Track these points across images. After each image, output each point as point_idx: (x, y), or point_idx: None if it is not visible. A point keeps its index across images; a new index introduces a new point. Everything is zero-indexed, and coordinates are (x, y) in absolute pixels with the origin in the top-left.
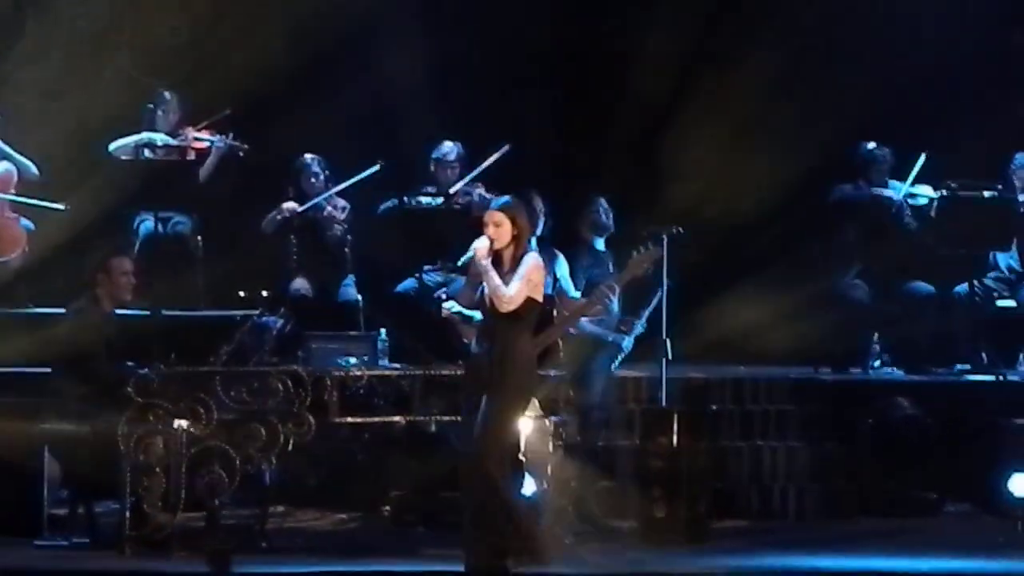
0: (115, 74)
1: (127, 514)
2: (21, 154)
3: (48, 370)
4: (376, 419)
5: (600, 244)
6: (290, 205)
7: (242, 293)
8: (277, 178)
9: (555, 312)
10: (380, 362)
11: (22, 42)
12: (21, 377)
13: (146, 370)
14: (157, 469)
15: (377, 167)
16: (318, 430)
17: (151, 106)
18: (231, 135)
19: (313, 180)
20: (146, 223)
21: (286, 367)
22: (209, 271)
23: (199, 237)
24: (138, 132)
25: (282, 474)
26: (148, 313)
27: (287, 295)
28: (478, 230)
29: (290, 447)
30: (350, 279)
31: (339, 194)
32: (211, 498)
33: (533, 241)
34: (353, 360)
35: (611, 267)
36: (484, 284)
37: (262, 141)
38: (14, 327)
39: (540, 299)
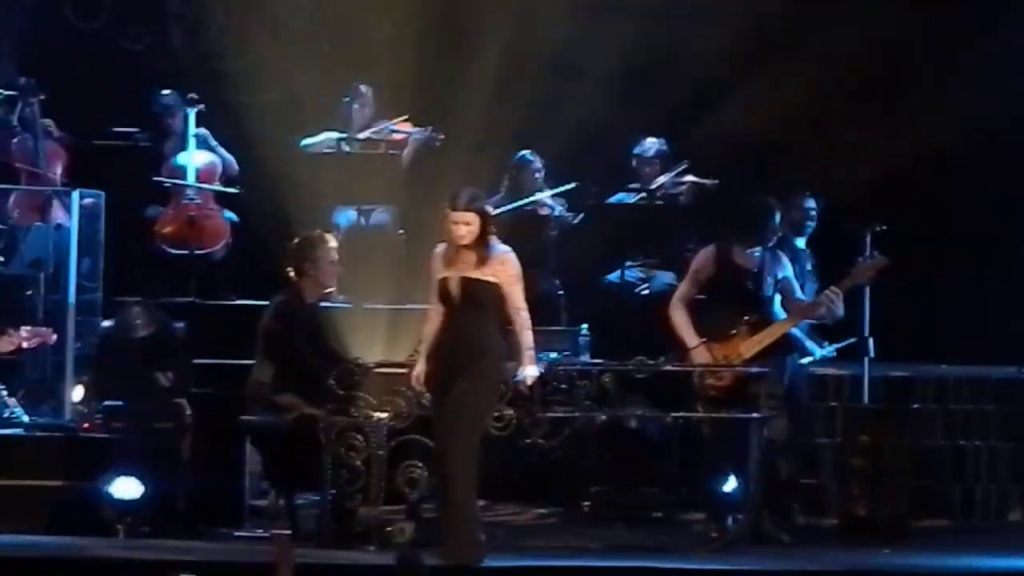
0: (316, 68)
1: (328, 506)
2: (224, 148)
3: (251, 362)
4: (576, 414)
5: (801, 243)
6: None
7: None
8: (479, 174)
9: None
10: (581, 357)
11: (225, 35)
12: (224, 369)
13: (348, 363)
14: (358, 462)
15: (573, 185)
16: (518, 424)
17: (347, 99)
18: (429, 128)
19: (536, 175)
20: (347, 216)
21: None
22: (411, 264)
23: (401, 230)
24: (332, 126)
25: (483, 468)
26: (350, 306)
27: None
28: (683, 224)
29: (490, 441)
30: (551, 272)
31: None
32: (411, 491)
33: None
34: (554, 354)
35: (809, 267)
36: (450, 278)
37: (462, 135)
38: (218, 319)
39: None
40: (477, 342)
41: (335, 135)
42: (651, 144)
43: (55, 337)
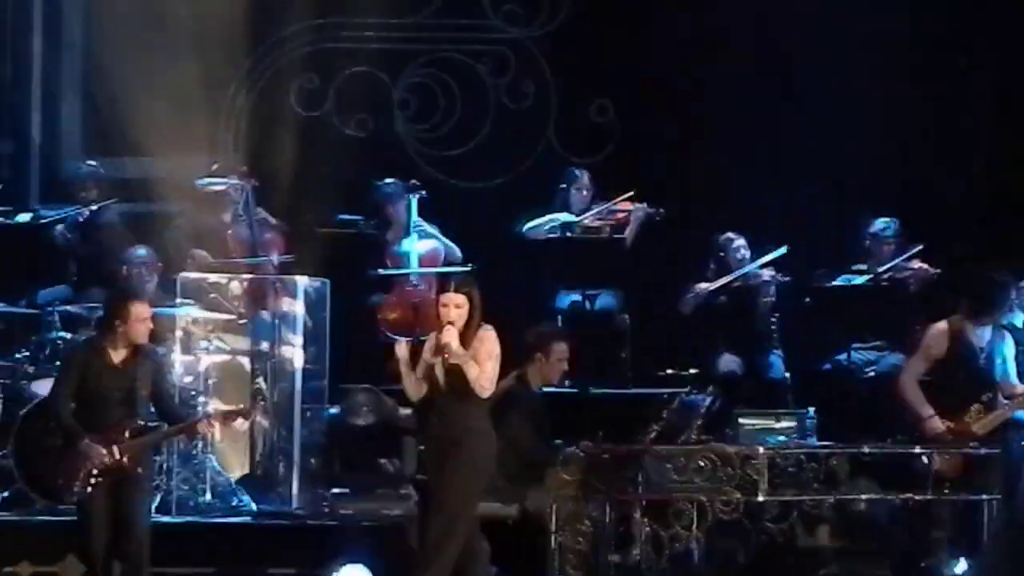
0: (542, 153)
1: None
2: (445, 236)
3: None
4: (804, 497)
5: (1019, 320)
6: (702, 285)
7: (669, 371)
8: (701, 255)
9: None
10: (808, 439)
11: (446, 123)
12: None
13: (574, 448)
14: (584, 548)
15: (784, 250)
16: (746, 508)
17: (563, 185)
18: (646, 203)
19: (742, 253)
20: (572, 300)
21: (714, 445)
22: (636, 348)
23: (625, 314)
24: (552, 211)
25: (710, 552)
26: (576, 391)
27: (715, 372)
28: (913, 306)
29: (718, 525)
30: (778, 355)
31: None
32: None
33: None
34: (782, 438)
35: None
36: (436, 364)
37: (686, 216)
38: None
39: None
40: (461, 431)
41: (560, 217)
42: (887, 224)
43: (245, 411)
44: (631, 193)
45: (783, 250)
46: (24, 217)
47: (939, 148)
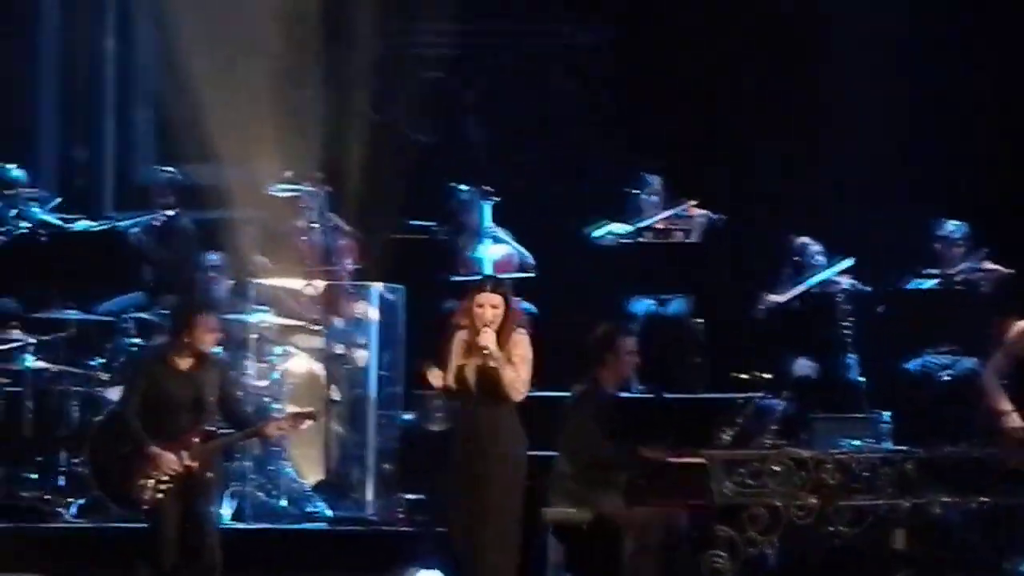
0: (603, 157)
1: None
2: (517, 242)
3: (551, 453)
4: (879, 502)
5: None
6: (772, 297)
7: (743, 375)
8: (773, 259)
9: None
10: (883, 444)
11: (516, 127)
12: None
13: (648, 453)
14: (658, 552)
15: (851, 261)
16: (821, 512)
17: (635, 191)
18: (712, 212)
19: (817, 258)
20: (644, 305)
21: (788, 449)
22: (709, 353)
23: (697, 319)
24: (623, 216)
25: (785, 557)
26: (650, 396)
27: (790, 377)
28: (984, 310)
29: (793, 530)
30: (852, 359)
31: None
32: None
33: None
34: (857, 442)
35: None
36: (466, 366)
37: (760, 221)
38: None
39: None
40: (494, 432)
41: (616, 228)
42: (957, 227)
43: (313, 414)
44: (694, 202)
45: (850, 261)
46: (82, 224)
47: (939, 148)
